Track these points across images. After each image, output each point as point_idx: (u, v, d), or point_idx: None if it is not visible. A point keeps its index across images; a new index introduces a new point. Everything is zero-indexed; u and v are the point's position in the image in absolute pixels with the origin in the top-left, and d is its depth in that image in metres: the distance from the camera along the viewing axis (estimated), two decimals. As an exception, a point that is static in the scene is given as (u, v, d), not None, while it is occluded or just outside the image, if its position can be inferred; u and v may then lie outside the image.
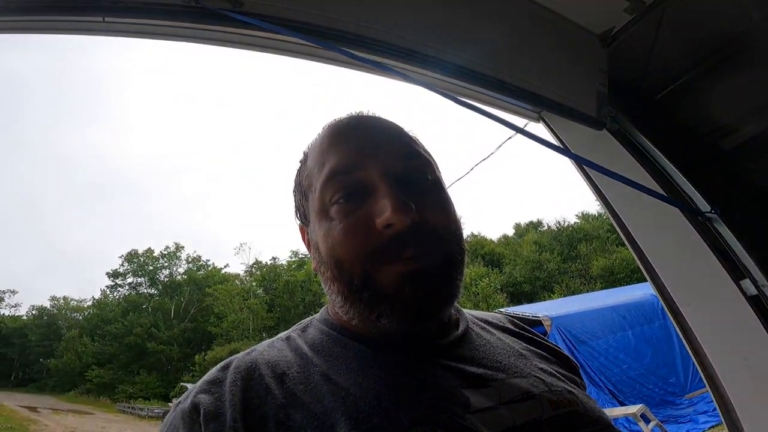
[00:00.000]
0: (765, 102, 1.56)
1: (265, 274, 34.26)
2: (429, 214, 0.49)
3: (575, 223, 28.01)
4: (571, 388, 0.54)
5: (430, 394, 0.46)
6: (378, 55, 1.08)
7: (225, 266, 38.91)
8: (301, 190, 0.57)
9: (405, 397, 0.45)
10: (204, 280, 36.16)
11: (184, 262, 38.94)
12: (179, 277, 37.94)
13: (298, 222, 0.60)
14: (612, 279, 20.85)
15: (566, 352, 0.66)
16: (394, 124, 0.58)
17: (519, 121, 1.51)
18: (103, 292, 39.97)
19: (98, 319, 36.31)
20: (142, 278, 38.33)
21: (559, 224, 28.71)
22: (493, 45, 1.20)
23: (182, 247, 39.27)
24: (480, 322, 0.63)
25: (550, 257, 24.68)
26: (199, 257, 39.34)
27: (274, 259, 36.04)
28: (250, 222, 63.57)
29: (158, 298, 36.44)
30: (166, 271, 38.55)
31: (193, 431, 0.43)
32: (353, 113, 0.58)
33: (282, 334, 0.57)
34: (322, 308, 0.60)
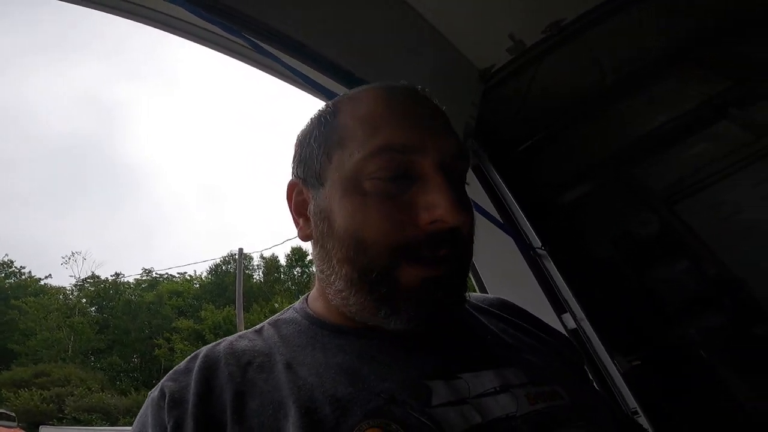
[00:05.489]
0: (599, 162, 1.90)
1: (102, 291, 30.20)
2: (464, 219, 0.46)
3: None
4: (562, 380, 0.50)
5: (389, 385, 0.43)
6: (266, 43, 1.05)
7: (46, 276, 32.31)
8: (326, 144, 0.50)
9: (362, 388, 0.43)
10: (12, 290, 29.52)
11: (-10, 266, 31.25)
12: (-22, 284, 30.11)
13: (294, 176, 0.55)
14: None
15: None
16: (445, 114, 0.54)
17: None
18: None
19: None
20: None
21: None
22: (375, 51, 1.21)
23: (-11, 249, 31.62)
24: (469, 308, 0.60)
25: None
26: (11, 262, 31.97)
27: (117, 274, 31.93)
28: (92, 229, 53.03)
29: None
30: (-40, 276, 30.25)
31: (159, 416, 0.43)
32: (403, 85, 0.52)
33: (257, 326, 0.57)
34: (302, 297, 0.59)
